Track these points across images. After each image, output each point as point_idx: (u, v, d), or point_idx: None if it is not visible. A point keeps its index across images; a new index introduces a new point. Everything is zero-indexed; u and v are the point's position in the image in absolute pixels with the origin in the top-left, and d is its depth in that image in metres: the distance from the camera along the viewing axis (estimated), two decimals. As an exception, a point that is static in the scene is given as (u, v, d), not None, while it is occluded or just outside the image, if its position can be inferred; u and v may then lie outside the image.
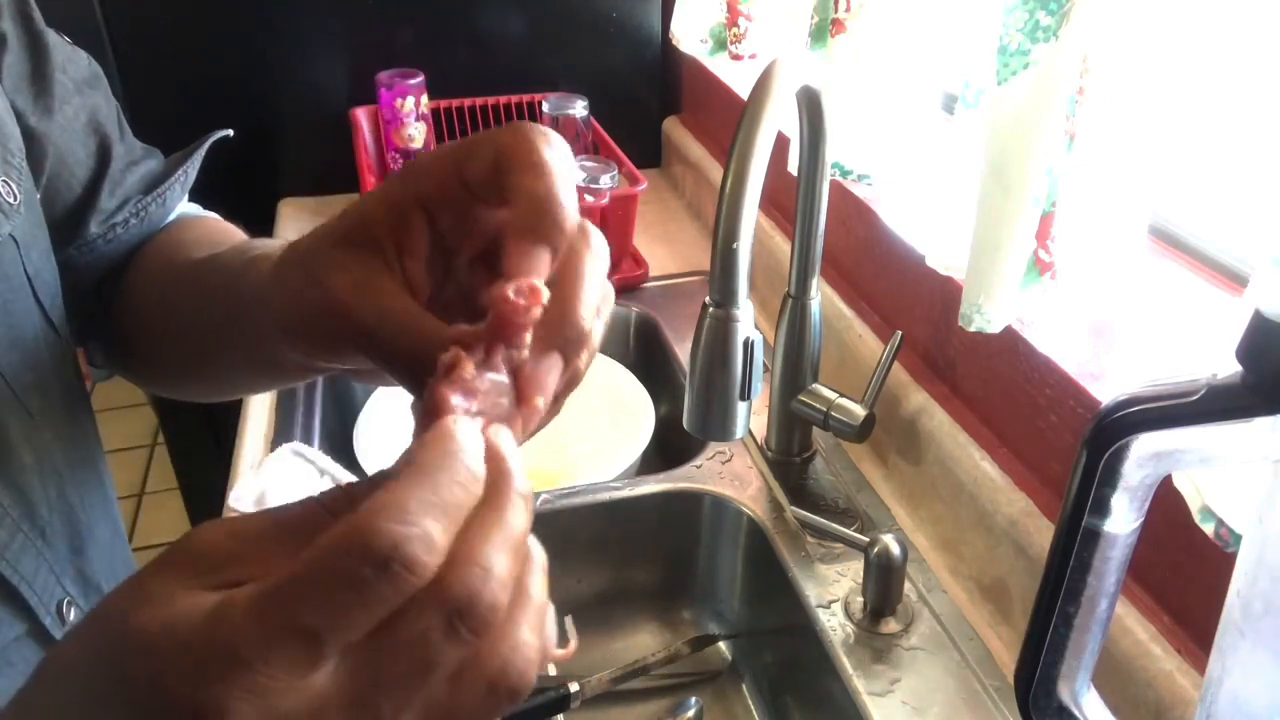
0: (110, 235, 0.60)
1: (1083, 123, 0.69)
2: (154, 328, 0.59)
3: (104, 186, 0.60)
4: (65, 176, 0.58)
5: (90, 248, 0.60)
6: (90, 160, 0.59)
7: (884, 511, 0.93)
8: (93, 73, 0.61)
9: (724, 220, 0.67)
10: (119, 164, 0.61)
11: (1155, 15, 0.65)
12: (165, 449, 1.82)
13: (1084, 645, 0.52)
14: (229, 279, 0.48)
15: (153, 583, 0.27)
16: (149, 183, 0.62)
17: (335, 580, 0.25)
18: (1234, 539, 0.57)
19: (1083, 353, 0.76)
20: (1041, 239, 0.73)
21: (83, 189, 0.59)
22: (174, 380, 0.63)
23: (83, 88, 0.59)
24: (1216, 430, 0.43)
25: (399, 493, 0.26)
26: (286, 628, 0.25)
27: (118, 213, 0.60)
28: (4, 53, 0.53)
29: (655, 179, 1.61)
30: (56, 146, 0.57)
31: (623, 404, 1.10)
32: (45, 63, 0.56)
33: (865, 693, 0.75)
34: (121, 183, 0.61)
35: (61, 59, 0.58)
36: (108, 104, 0.62)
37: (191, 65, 1.42)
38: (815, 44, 0.98)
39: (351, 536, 0.25)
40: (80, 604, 0.53)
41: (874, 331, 1.02)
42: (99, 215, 0.60)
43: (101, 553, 0.57)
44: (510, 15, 1.49)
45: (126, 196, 0.61)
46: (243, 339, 0.48)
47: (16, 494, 0.49)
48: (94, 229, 0.59)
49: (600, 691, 0.89)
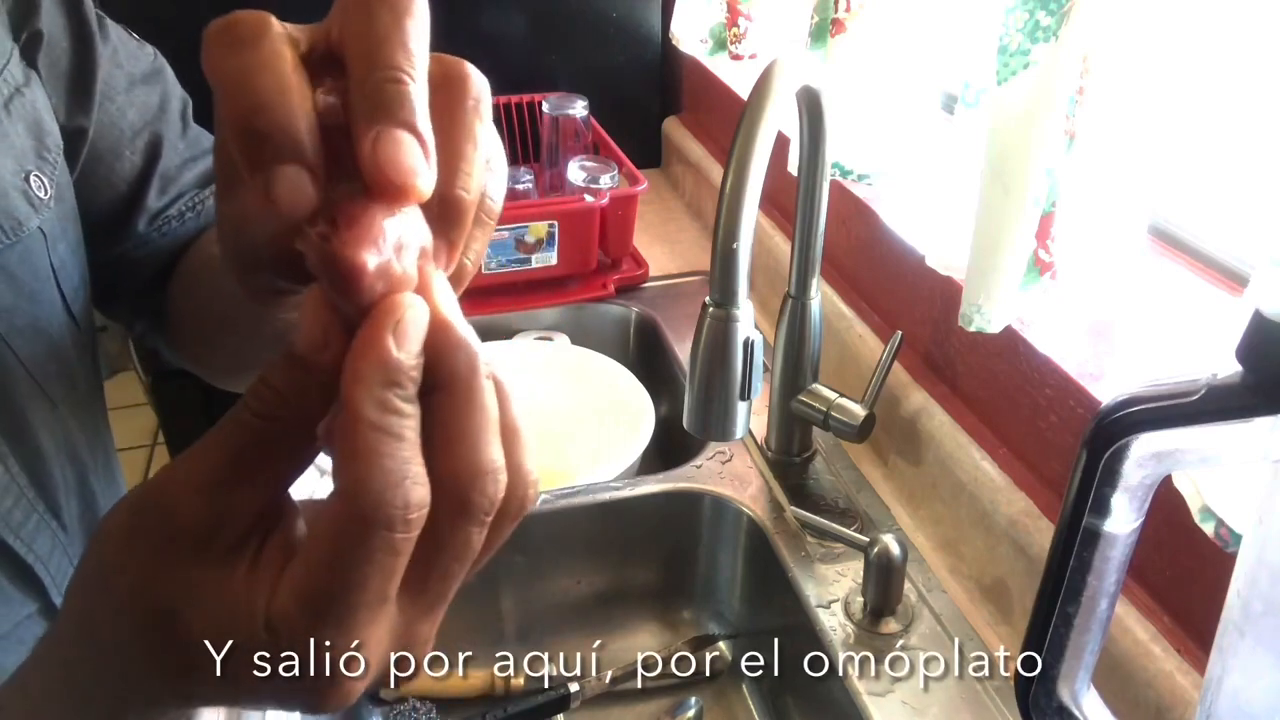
0: (165, 228, 0.59)
1: (1083, 123, 0.69)
2: (198, 324, 0.59)
3: (153, 185, 0.59)
4: (106, 174, 0.57)
5: (144, 241, 0.59)
6: (137, 158, 0.58)
7: (884, 511, 0.93)
8: (154, 68, 0.61)
9: (724, 220, 0.67)
10: (173, 160, 0.60)
11: (1155, 15, 0.65)
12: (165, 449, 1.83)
13: (1084, 645, 0.52)
14: None
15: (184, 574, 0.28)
16: (209, 177, 0.61)
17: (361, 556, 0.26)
18: (1234, 539, 0.57)
19: (1083, 353, 0.76)
20: (1041, 239, 0.73)
21: (128, 187, 0.58)
22: (221, 373, 0.62)
23: (137, 84, 0.59)
24: (1216, 430, 0.43)
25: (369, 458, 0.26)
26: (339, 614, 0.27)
27: (170, 208, 0.60)
28: (44, 50, 0.53)
29: (655, 179, 1.61)
30: (97, 143, 0.56)
31: (623, 404, 1.10)
32: (89, 58, 0.55)
33: (865, 693, 0.75)
34: (176, 179, 0.60)
35: (114, 52, 0.57)
36: (167, 99, 0.61)
37: (192, 66, 1.41)
38: (815, 44, 0.98)
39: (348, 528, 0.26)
40: None
41: (874, 331, 1.02)
42: (146, 213, 0.59)
43: None
44: (510, 15, 1.49)
45: (181, 192, 0.60)
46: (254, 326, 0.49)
47: (37, 479, 0.51)
48: (143, 226, 0.59)
49: (600, 691, 0.89)
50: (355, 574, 0.26)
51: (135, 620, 0.29)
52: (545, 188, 1.41)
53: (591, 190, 1.26)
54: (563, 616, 1.00)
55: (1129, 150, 0.70)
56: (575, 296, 1.28)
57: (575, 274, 1.28)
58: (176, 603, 0.28)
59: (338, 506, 0.26)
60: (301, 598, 0.27)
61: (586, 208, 1.23)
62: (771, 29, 1.28)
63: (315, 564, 0.27)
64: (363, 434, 0.26)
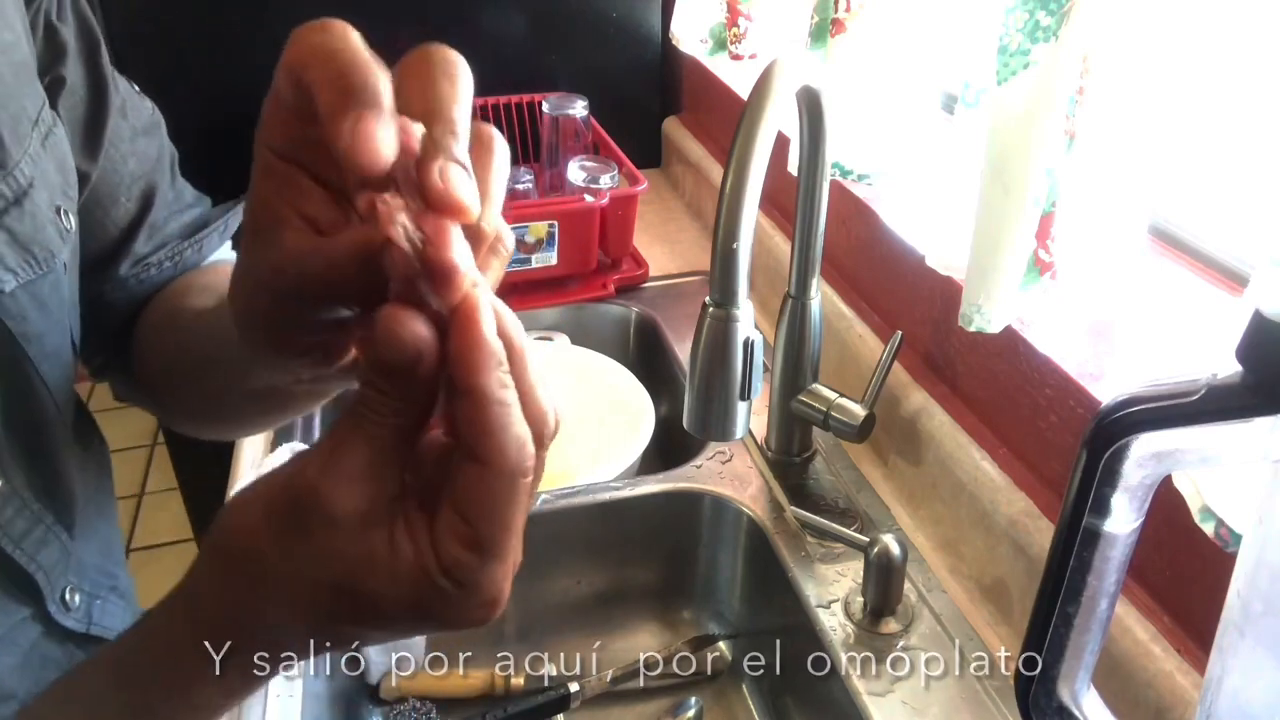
0: (144, 275, 0.62)
1: (1083, 123, 0.69)
2: (159, 370, 0.62)
3: (142, 232, 0.62)
4: (101, 217, 0.60)
5: (122, 285, 0.62)
6: (131, 205, 0.61)
7: (884, 511, 0.93)
8: (153, 121, 0.64)
9: (724, 220, 0.67)
10: (162, 211, 0.63)
11: (1155, 15, 0.65)
12: (165, 449, 1.83)
13: (1084, 645, 0.52)
14: (220, 333, 0.51)
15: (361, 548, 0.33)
16: (190, 229, 0.65)
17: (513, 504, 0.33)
18: (1234, 539, 0.57)
19: (1083, 353, 0.76)
20: (1041, 239, 0.73)
21: (120, 232, 0.61)
22: (188, 418, 0.66)
23: (138, 136, 0.62)
24: (1216, 430, 0.43)
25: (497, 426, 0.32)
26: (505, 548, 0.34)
27: (152, 255, 0.63)
28: (64, 95, 0.56)
29: (655, 179, 1.61)
30: (98, 188, 0.59)
31: (623, 404, 1.10)
32: (103, 108, 0.59)
33: (865, 693, 0.75)
34: (162, 229, 0.63)
35: (121, 104, 0.61)
36: (162, 152, 0.64)
37: (191, 65, 1.42)
38: (815, 44, 0.98)
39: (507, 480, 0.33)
40: (83, 589, 0.57)
41: (874, 331, 1.02)
42: (132, 258, 0.62)
43: (110, 540, 0.62)
44: (510, 15, 1.49)
45: (164, 241, 0.63)
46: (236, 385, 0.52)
47: (50, 493, 0.54)
48: (125, 270, 0.62)
49: (600, 691, 0.89)
50: (510, 517, 0.33)
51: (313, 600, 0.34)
52: (545, 188, 1.42)
53: (591, 190, 1.26)
54: (563, 616, 1.00)
55: (1129, 150, 0.70)
56: (575, 296, 1.28)
57: (575, 274, 1.28)
58: (353, 574, 0.33)
59: (479, 470, 0.32)
60: (471, 546, 0.33)
61: (586, 208, 1.23)
62: (771, 29, 1.28)
63: (476, 517, 0.33)
64: (494, 412, 0.32)
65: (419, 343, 0.31)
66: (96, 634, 0.57)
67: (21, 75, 0.52)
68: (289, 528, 0.34)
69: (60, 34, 0.56)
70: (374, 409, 0.33)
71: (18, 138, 0.50)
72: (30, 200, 0.50)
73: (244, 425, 0.71)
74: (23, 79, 0.52)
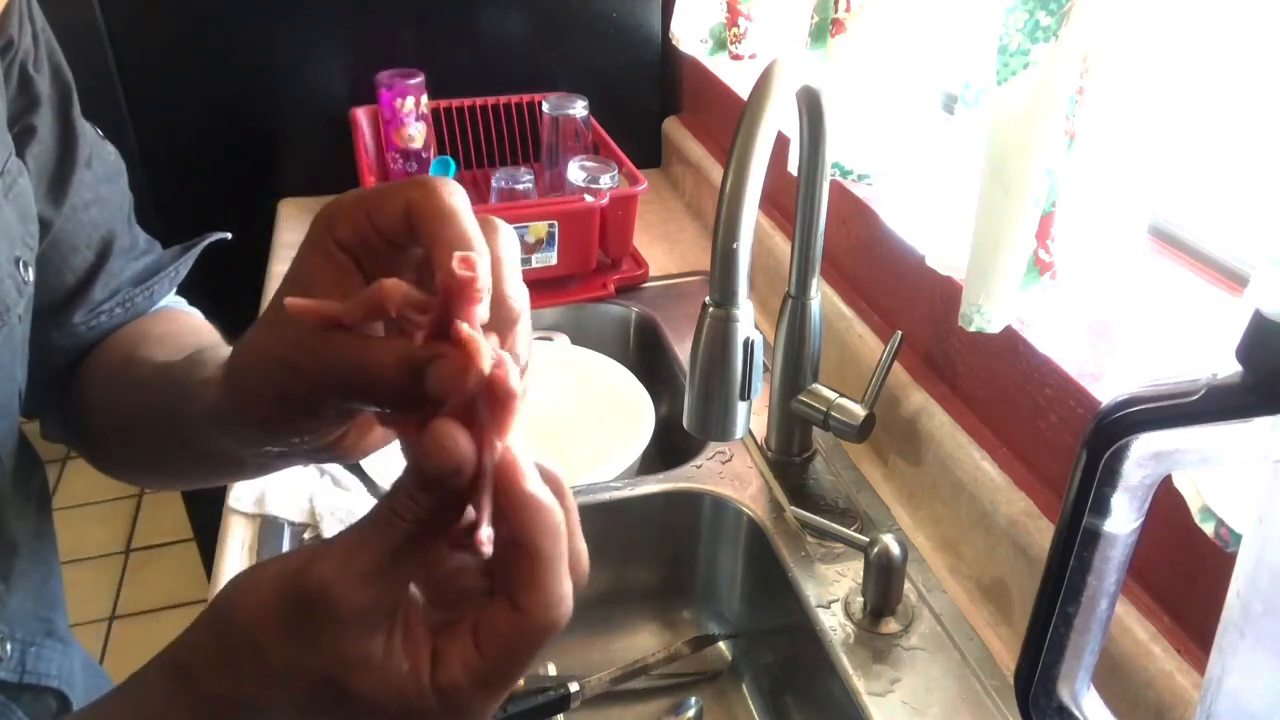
0: (94, 323, 0.62)
1: (1083, 123, 0.69)
2: (104, 421, 0.61)
3: (99, 280, 0.61)
4: (59, 265, 0.59)
5: (72, 332, 0.61)
6: (90, 253, 0.61)
7: (884, 511, 0.93)
8: (116, 168, 0.63)
9: (724, 220, 0.67)
10: (118, 259, 0.63)
11: (1155, 15, 0.65)
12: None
13: (1084, 645, 0.52)
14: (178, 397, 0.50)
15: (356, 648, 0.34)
16: (142, 276, 0.64)
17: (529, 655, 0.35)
18: (1234, 539, 0.57)
19: (1083, 353, 0.76)
20: (1041, 239, 0.73)
21: (77, 280, 0.61)
22: (121, 469, 0.64)
23: (101, 183, 0.61)
24: (1216, 430, 0.43)
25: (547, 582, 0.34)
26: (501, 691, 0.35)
27: (105, 303, 0.62)
28: (33, 144, 0.56)
29: (655, 179, 1.61)
30: (58, 237, 0.59)
31: (623, 404, 1.10)
32: (71, 158, 0.59)
33: (865, 693, 0.75)
34: (118, 275, 0.63)
35: (88, 154, 0.60)
36: (122, 199, 0.64)
37: (191, 65, 1.42)
38: (815, 44, 0.98)
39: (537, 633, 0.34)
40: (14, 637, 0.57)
41: (874, 331, 1.02)
42: (87, 305, 0.61)
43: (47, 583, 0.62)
44: (510, 15, 1.49)
45: (117, 288, 0.63)
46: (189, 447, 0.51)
47: None
48: (79, 317, 0.61)
49: (600, 691, 0.89)
50: (524, 665, 0.35)
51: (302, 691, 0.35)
52: (545, 188, 1.41)
53: (591, 190, 1.26)
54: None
55: (1129, 150, 0.70)
56: (575, 296, 1.28)
57: (575, 274, 1.28)
58: (347, 672, 0.34)
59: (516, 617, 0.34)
60: (477, 678, 0.34)
61: (586, 208, 1.23)
62: (771, 29, 1.28)
63: (495, 656, 0.34)
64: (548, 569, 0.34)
65: (463, 460, 0.33)
66: (30, 682, 0.57)
67: None
68: (295, 622, 0.34)
69: (35, 84, 0.56)
70: (399, 513, 0.34)
71: None
72: None
73: (185, 481, 0.70)
74: None
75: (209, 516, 1.02)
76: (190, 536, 1.93)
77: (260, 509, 0.92)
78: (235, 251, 0.73)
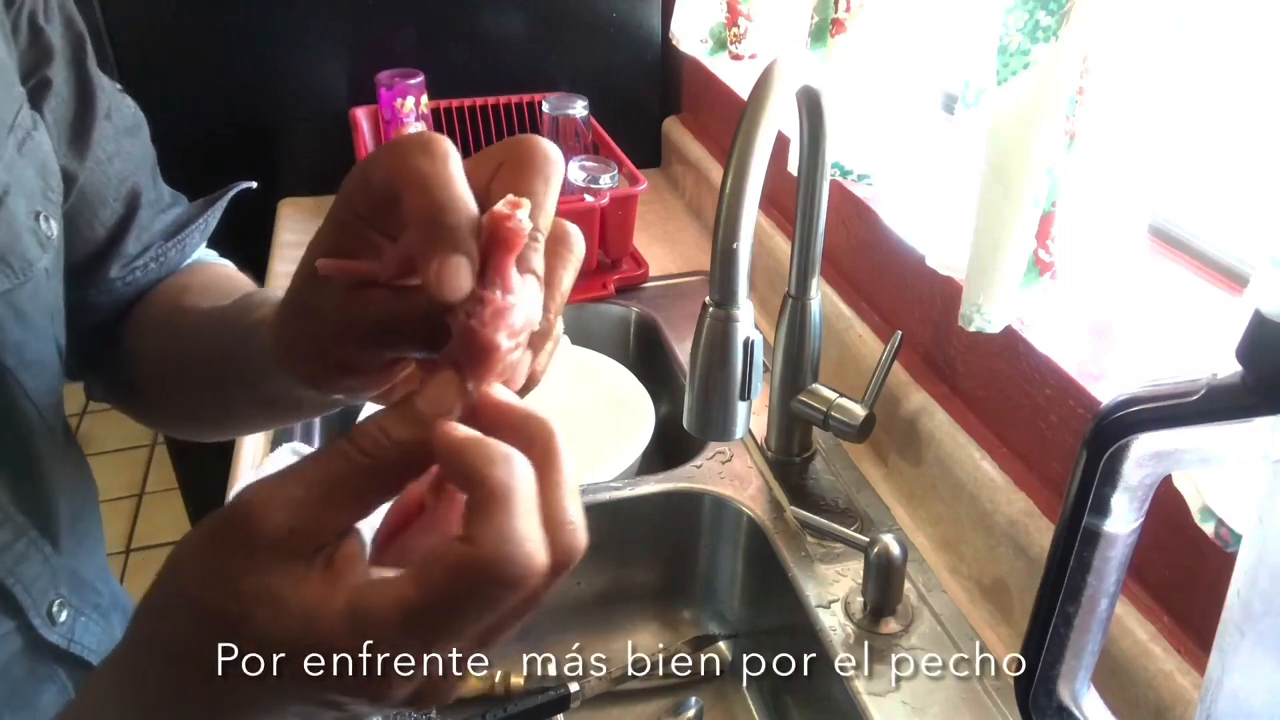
0: (130, 278, 0.62)
1: (1083, 123, 0.69)
2: (155, 372, 0.62)
3: (130, 232, 0.62)
4: (89, 219, 0.60)
5: (109, 288, 0.62)
6: (119, 206, 0.61)
7: (884, 511, 0.93)
8: (135, 121, 0.63)
9: (724, 220, 0.67)
10: (147, 211, 0.63)
11: (1155, 15, 0.65)
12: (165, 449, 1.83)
13: (1084, 645, 0.52)
14: (235, 338, 0.51)
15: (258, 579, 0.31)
16: (172, 229, 0.65)
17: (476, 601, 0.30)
18: (1234, 539, 0.57)
19: (1083, 353, 0.76)
20: (1041, 239, 0.73)
21: (108, 233, 0.61)
22: (173, 420, 0.65)
23: (122, 136, 0.61)
24: (1216, 430, 0.43)
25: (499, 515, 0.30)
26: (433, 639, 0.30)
27: (139, 257, 0.62)
28: (50, 97, 0.56)
29: (655, 179, 1.61)
30: (85, 190, 0.59)
31: (623, 404, 1.10)
32: (90, 110, 0.58)
33: (865, 693, 0.75)
34: (148, 229, 0.63)
35: (107, 105, 0.60)
36: (145, 152, 0.64)
37: (192, 65, 1.42)
38: (815, 44, 0.98)
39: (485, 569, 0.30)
40: (71, 603, 0.56)
41: (874, 331, 1.02)
42: (121, 259, 0.62)
43: (94, 553, 0.61)
44: (510, 15, 1.49)
45: (150, 242, 0.63)
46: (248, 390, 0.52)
47: (34, 506, 0.53)
48: (114, 272, 0.61)
49: (600, 691, 0.89)
50: (465, 611, 0.30)
51: (207, 622, 0.31)
52: (545, 188, 1.41)
53: (591, 190, 1.26)
54: (563, 616, 0.99)
55: (1129, 150, 0.70)
56: (575, 296, 1.28)
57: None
58: (250, 604, 0.31)
59: (464, 548, 0.30)
60: (404, 612, 0.30)
61: (586, 208, 1.23)
62: (771, 29, 1.28)
63: (429, 590, 0.30)
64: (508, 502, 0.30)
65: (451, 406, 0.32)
66: (76, 652, 0.57)
67: None
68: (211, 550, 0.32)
69: (46, 35, 0.55)
70: (356, 443, 0.32)
71: None
72: (4, 209, 0.49)
73: (242, 427, 0.71)
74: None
75: (209, 516, 1.01)
76: (190, 536, 1.93)
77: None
78: (235, 252, 0.73)
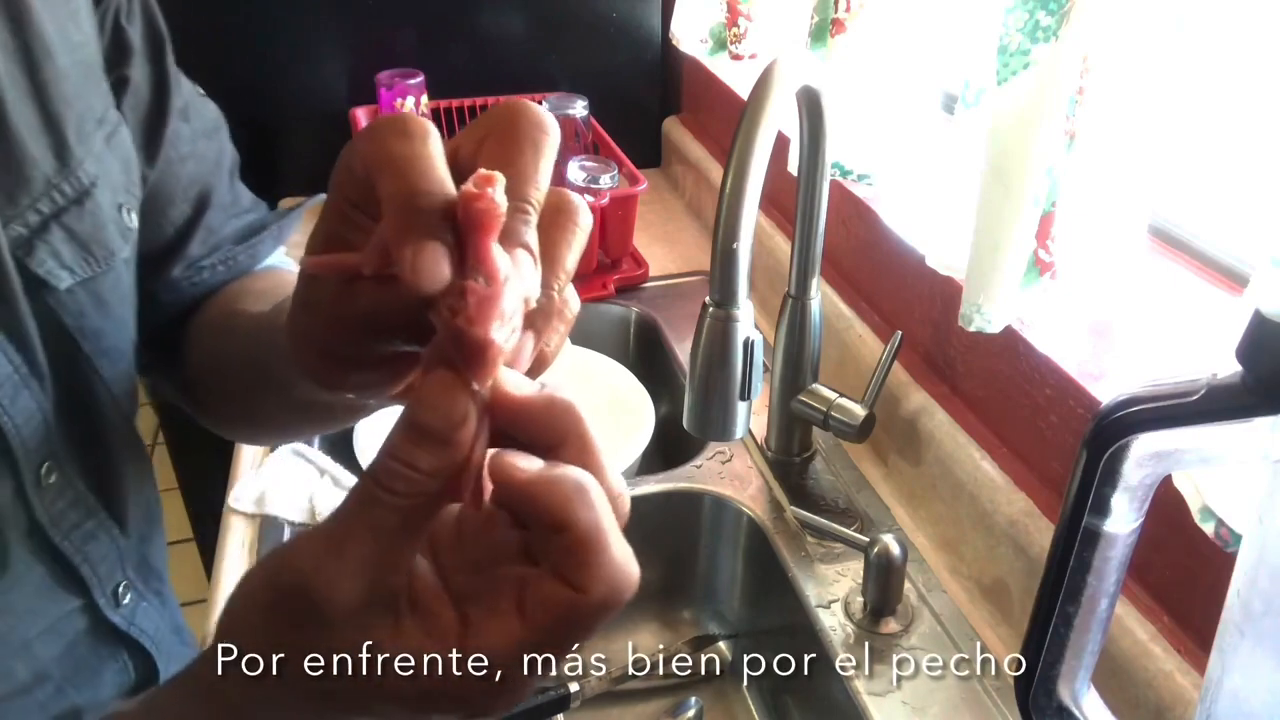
0: (196, 278, 0.63)
1: (1083, 123, 0.69)
2: (207, 374, 0.63)
3: (196, 234, 0.62)
4: (157, 217, 0.60)
5: (173, 287, 0.62)
6: (187, 207, 0.62)
7: (884, 511, 0.93)
8: (215, 124, 0.65)
9: (724, 220, 0.67)
10: (218, 214, 0.64)
11: (1155, 15, 0.65)
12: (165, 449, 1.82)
13: (1084, 645, 0.52)
14: (267, 343, 0.52)
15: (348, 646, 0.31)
16: (244, 234, 0.65)
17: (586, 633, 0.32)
18: (1234, 539, 0.57)
19: (1083, 353, 0.76)
20: (1041, 239, 0.73)
21: (174, 233, 0.62)
22: (227, 422, 0.66)
23: (199, 138, 0.62)
24: (1216, 430, 0.43)
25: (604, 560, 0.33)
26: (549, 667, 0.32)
27: (206, 259, 0.63)
28: (128, 95, 0.57)
29: (655, 179, 1.61)
30: (155, 189, 0.60)
31: (623, 404, 1.10)
32: (165, 110, 0.60)
33: (865, 693, 0.75)
34: (218, 232, 0.64)
35: (184, 106, 0.61)
36: (220, 155, 0.65)
37: (191, 66, 1.41)
38: (815, 44, 0.98)
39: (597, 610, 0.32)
40: (138, 587, 0.58)
41: (874, 331, 1.02)
42: (185, 260, 0.62)
43: (157, 541, 0.62)
44: (510, 15, 1.49)
45: (218, 244, 0.64)
46: (282, 394, 0.52)
47: (106, 488, 0.54)
48: (178, 272, 0.62)
49: (600, 691, 0.89)
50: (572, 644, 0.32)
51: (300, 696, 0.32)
52: (545, 188, 1.41)
53: (591, 190, 1.26)
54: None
55: (1129, 150, 0.70)
56: (575, 297, 1.28)
57: (575, 274, 1.28)
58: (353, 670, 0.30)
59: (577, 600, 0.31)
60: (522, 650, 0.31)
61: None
62: (771, 29, 1.28)
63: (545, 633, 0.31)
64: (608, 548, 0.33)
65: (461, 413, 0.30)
66: (134, 635, 0.58)
67: (89, 75, 0.52)
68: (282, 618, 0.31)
69: (127, 34, 0.56)
70: (388, 487, 0.30)
71: (81, 137, 0.51)
72: (92, 199, 0.51)
73: (284, 433, 0.72)
74: (90, 78, 0.52)
75: (209, 517, 1.02)
76: (190, 537, 1.93)
77: (260, 509, 0.92)
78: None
